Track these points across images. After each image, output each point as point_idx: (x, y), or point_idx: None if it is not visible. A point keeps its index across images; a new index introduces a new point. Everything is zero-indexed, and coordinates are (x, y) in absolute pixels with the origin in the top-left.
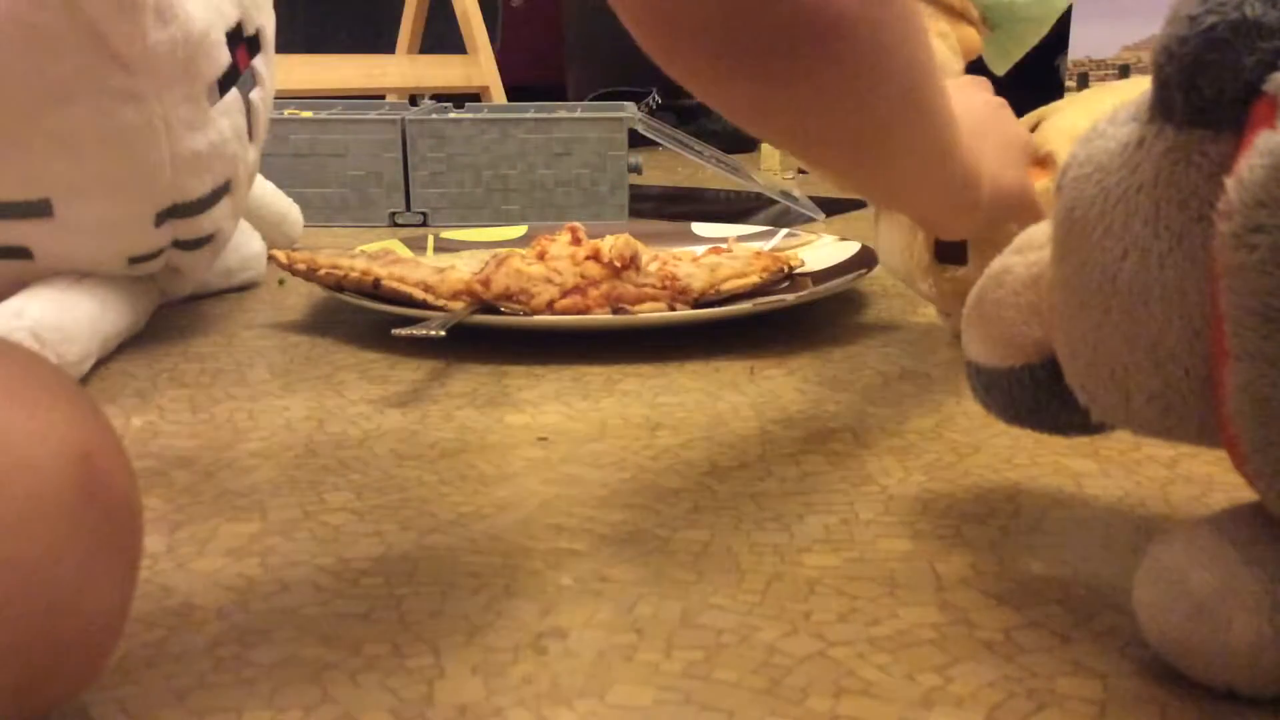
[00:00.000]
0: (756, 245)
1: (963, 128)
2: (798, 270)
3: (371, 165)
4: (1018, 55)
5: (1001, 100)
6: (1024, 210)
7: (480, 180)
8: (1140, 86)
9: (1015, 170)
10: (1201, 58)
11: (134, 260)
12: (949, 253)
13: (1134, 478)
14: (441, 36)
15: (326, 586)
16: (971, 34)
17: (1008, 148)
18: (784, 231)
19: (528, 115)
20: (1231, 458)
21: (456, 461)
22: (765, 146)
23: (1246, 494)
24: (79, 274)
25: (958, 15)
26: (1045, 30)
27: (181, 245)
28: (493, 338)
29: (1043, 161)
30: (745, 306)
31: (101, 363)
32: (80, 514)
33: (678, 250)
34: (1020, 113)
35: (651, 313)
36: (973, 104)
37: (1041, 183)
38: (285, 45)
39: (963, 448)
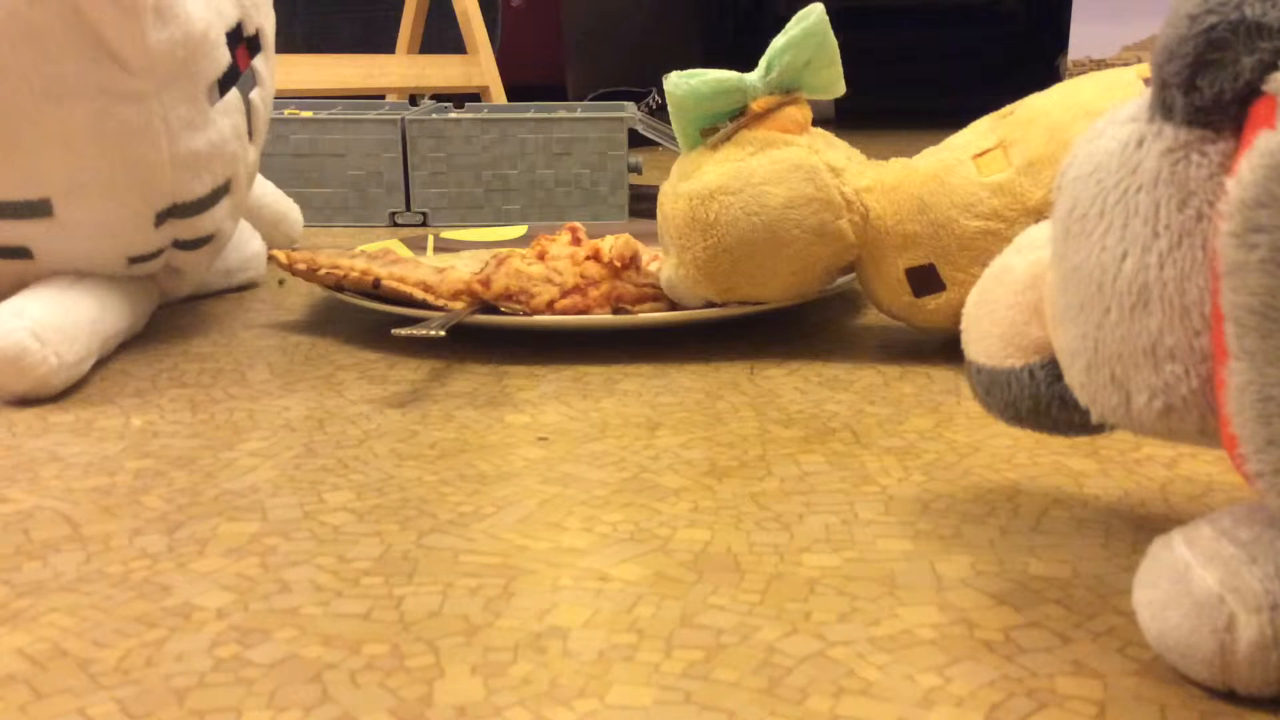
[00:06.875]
0: None
1: None
2: None
3: (371, 165)
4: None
5: None
6: None
7: (480, 180)
8: (1119, 76)
9: None
10: (1201, 58)
11: (134, 260)
12: (924, 285)
13: (1134, 478)
14: (441, 36)
15: (326, 586)
16: (803, 114)
17: None
18: None
19: (528, 115)
20: (1231, 458)
21: (456, 461)
22: None
23: (1246, 494)
24: (79, 274)
25: (802, 127)
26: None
27: (181, 245)
28: (493, 338)
29: (1001, 147)
30: (745, 307)
31: (101, 363)
32: None
33: None
34: None
35: (651, 313)
36: None
37: (1003, 174)
38: (285, 45)
39: (963, 448)
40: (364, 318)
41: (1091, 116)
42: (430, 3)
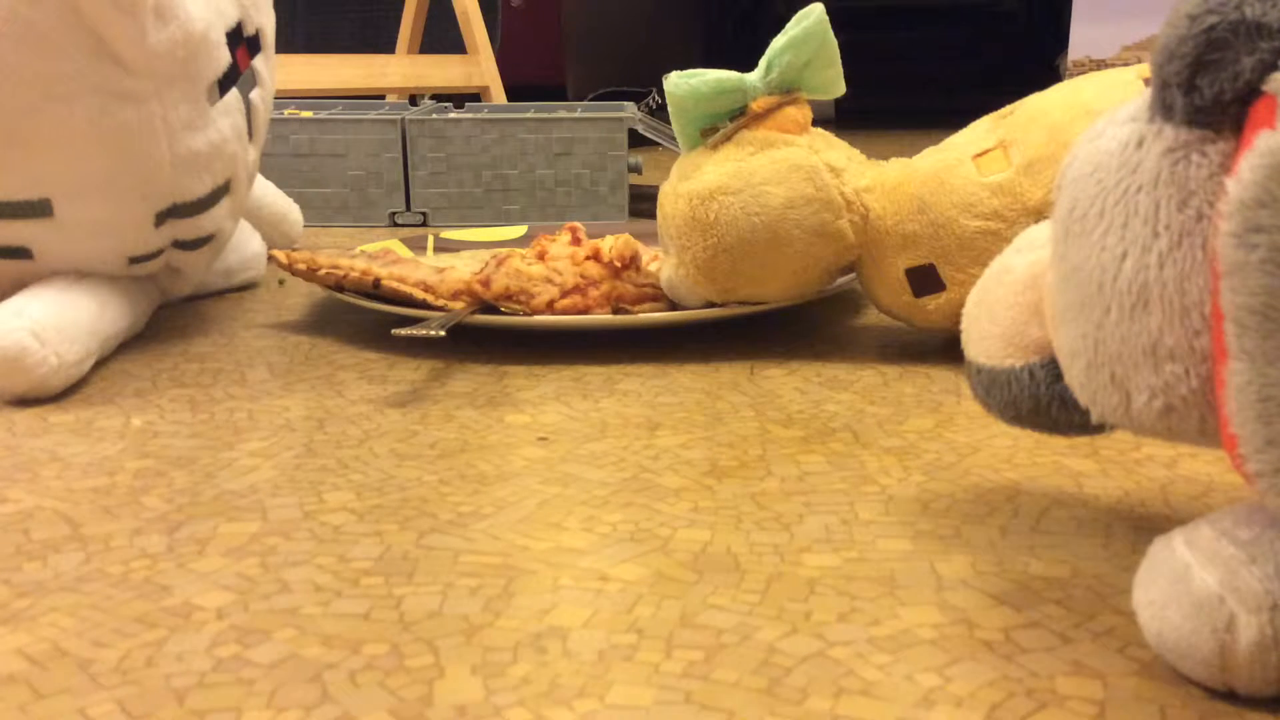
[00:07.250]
0: None
1: None
2: None
3: (371, 165)
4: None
5: None
6: None
7: (480, 180)
8: (1119, 76)
9: None
10: (1201, 58)
11: (134, 260)
12: (924, 285)
13: (1134, 478)
14: (441, 36)
15: (326, 586)
16: (803, 114)
17: None
18: None
19: (528, 115)
20: (1231, 458)
21: (456, 461)
22: None
23: (1246, 494)
24: (79, 274)
25: (802, 127)
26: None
27: (181, 245)
28: (493, 338)
29: (1001, 147)
30: (745, 307)
31: (101, 363)
32: None
33: None
34: None
35: (651, 313)
36: None
37: (1003, 174)
38: (285, 45)
39: (963, 448)
40: (364, 318)
41: (1091, 116)
42: (430, 3)
